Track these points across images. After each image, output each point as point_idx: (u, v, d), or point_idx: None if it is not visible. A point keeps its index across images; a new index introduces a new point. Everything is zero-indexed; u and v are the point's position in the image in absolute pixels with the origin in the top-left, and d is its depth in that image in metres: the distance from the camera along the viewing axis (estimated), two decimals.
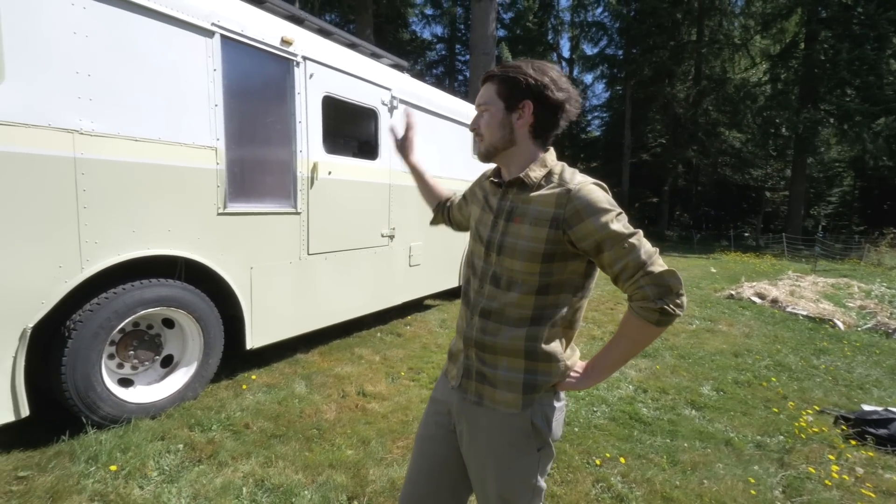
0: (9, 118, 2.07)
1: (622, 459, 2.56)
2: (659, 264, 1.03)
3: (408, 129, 1.72)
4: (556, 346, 1.15)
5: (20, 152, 2.11)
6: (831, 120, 20.53)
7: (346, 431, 2.72)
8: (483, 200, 1.27)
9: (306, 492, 2.16)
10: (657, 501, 2.23)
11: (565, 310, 1.15)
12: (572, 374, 1.18)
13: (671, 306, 1.02)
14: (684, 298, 1.04)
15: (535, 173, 1.14)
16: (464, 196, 1.51)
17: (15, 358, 2.16)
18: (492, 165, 1.28)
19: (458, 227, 1.61)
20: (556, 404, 1.18)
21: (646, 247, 1.04)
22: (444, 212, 1.65)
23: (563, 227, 1.07)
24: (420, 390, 3.35)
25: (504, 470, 1.15)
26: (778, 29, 21.73)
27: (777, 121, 22.01)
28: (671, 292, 1.02)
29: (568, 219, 1.06)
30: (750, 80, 23.66)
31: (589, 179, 1.11)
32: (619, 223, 1.04)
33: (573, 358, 1.20)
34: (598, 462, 2.52)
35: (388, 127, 1.74)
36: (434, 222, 1.72)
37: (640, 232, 1.06)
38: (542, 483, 1.18)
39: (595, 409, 3.19)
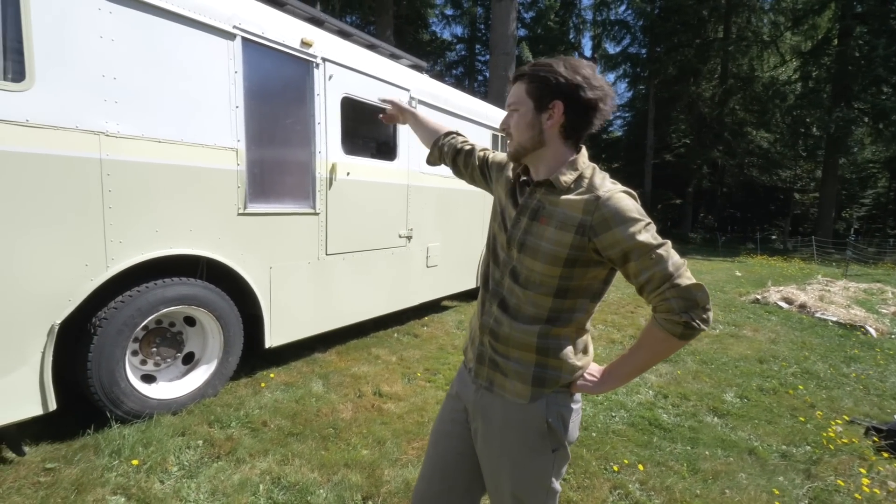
0: (39, 121, 2.13)
1: (641, 466, 2.51)
2: (686, 277, 1.00)
3: (391, 104, 1.70)
4: (568, 346, 1.15)
5: (49, 154, 2.18)
6: (866, 119, 19.83)
7: (362, 431, 2.73)
8: (509, 190, 1.24)
9: (322, 491, 2.18)
10: None
11: (581, 314, 1.14)
12: (588, 377, 1.17)
13: (697, 321, 0.99)
14: (710, 313, 1.02)
15: (566, 177, 1.11)
16: (488, 160, 1.43)
17: (43, 353, 2.23)
18: None
19: (460, 173, 1.54)
20: (573, 406, 1.17)
21: (673, 258, 1.01)
22: (441, 150, 1.57)
23: (589, 235, 1.04)
24: (436, 391, 3.35)
25: (518, 470, 1.15)
26: (809, 25, 21.06)
27: (808, 120, 21.37)
28: (697, 306, 0.99)
29: (595, 226, 1.04)
30: (779, 79, 23.01)
31: (619, 187, 1.08)
32: (648, 233, 1.01)
33: (586, 359, 1.19)
34: (615, 468, 2.47)
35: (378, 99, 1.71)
36: (430, 160, 1.64)
37: (669, 243, 1.03)
38: (557, 486, 1.17)
39: (613, 413, 3.14)
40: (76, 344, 2.47)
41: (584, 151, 1.16)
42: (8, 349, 2.13)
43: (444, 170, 1.75)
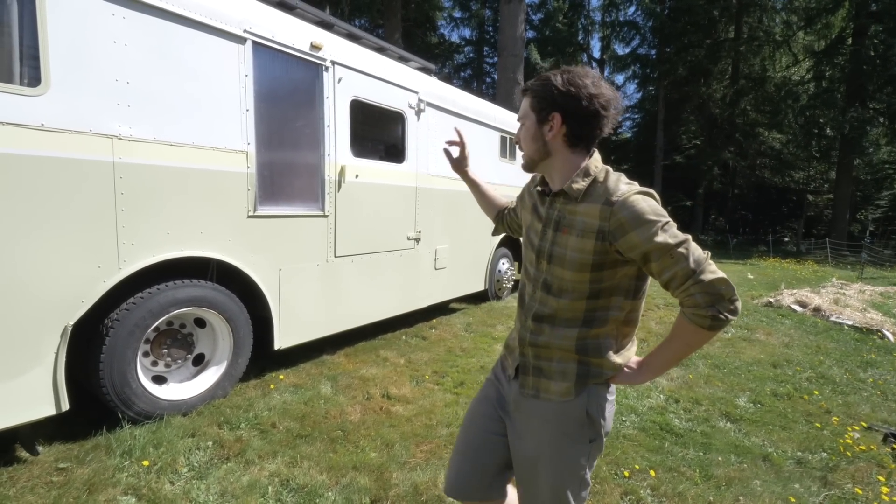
0: (54, 125, 2.17)
1: (652, 472, 2.48)
2: (709, 272, 1.02)
3: (462, 147, 1.73)
4: (608, 343, 1.18)
5: (64, 157, 2.21)
6: (881, 119, 19.50)
7: (371, 434, 2.73)
8: (532, 208, 1.29)
9: (330, 493, 2.17)
10: None
11: (616, 311, 1.17)
12: (626, 369, 1.20)
13: (724, 314, 1.01)
14: (738, 304, 1.03)
15: (578, 185, 1.14)
16: (517, 199, 1.52)
17: (57, 354, 2.26)
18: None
19: (516, 233, 1.64)
20: (609, 397, 1.22)
21: (695, 255, 1.02)
22: (504, 220, 1.68)
23: (609, 239, 1.08)
24: (444, 394, 3.34)
25: (556, 459, 1.19)
26: (823, 24, 20.77)
27: (821, 121, 21.04)
28: (723, 299, 1.01)
29: (613, 231, 1.07)
30: (792, 79, 22.72)
31: (635, 188, 1.10)
32: (665, 234, 1.03)
33: (628, 353, 1.22)
34: (626, 474, 2.44)
35: (442, 149, 1.80)
36: (496, 232, 1.78)
37: (689, 239, 1.04)
38: (589, 477, 1.21)
39: (624, 418, 3.10)
40: (89, 345, 2.49)
41: (595, 156, 1.18)
42: (23, 350, 2.15)
43: (453, 172, 1.79)
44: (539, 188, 1.25)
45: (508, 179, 6.26)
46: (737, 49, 22.84)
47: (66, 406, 2.30)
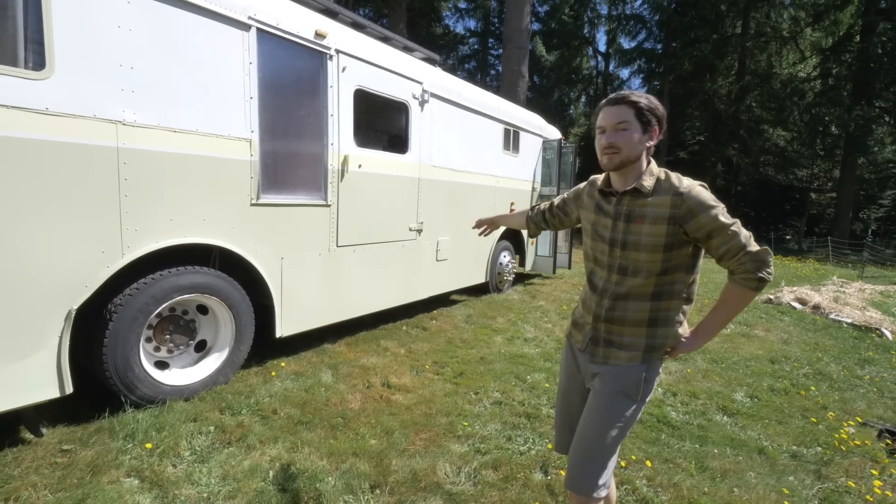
0: (58, 109, 2.17)
1: (648, 463, 2.50)
2: (754, 245, 1.32)
3: (489, 224, 2.11)
4: (673, 316, 1.44)
5: (68, 142, 2.22)
6: (887, 118, 19.37)
7: (371, 421, 2.76)
8: (596, 207, 1.53)
9: (330, 478, 2.20)
10: None
11: (681, 285, 1.42)
12: (683, 339, 1.46)
13: (766, 274, 1.31)
14: (773, 268, 1.33)
15: (648, 182, 1.40)
16: (564, 201, 1.78)
17: (60, 338, 2.28)
18: (593, 176, 1.61)
19: (555, 227, 1.88)
20: (660, 368, 1.48)
21: (743, 232, 1.33)
22: (534, 221, 1.92)
23: (679, 223, 1.34)
24: (444, 384, 3.36)
25: (609, 407, 1.43)
26: (831, 21, 20.57)
27: (826, 118, 20.91)
28: (766, 264, 1.31)
29: (683, 216, 1.34)
30: (798, 76, 22.54)
31: (695, 182, 1.38)
32: (722, 216, 1.32)
33: (684, 327, 1.48)
34: (623, 464, 2.47)
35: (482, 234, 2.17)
36: (532, 235, 2.01)
37: (738, 221, 1.34)
38: (626, 431, 1.45)
39: None
40: (92, 329, 2.51)
41: (653, 160, 1.45)
42: (27, 332, 2.18)
43: (456, 163, 1.89)
44: (601, 190, 1.50)
45: (511, 172, 6.26)
46: (743, 45, 22.63)
47: (69, 389, 2.33)
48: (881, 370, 4.47)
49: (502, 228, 6.02)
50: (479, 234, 2.16)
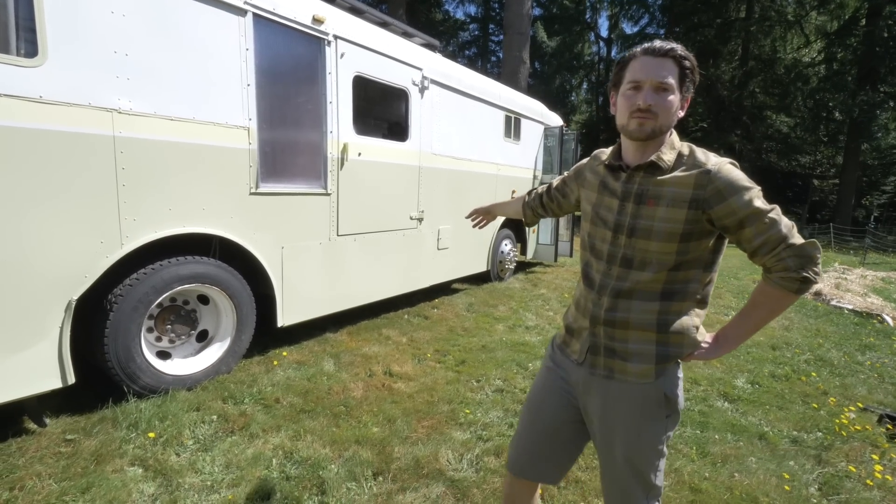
0: (52, 97, 2.14)
1: None
2: (797, 237, 1.06)
3: (483, 215, 1.89)
4: (686, 321, 1.18)
5: (63, 131, 2.19)
6: (891, 103, 19.17)
7: (373, 409, 2.77)
8: (600, 185, 1.27)
9: (333, 466, 2.21)
10: (684, 492, 2.18)
11: (696, 284, 1.17)
12: (703, 344, 1.21)
13: (812, 274, 1.05)
14: (820, 266, 1.07)
15: (668, 156, 1.15)
16: (563, 181, 1.53)
17: (61, 328, 2.28)
18: (597, 150, 1.35)
19: (553, 213, 1.65)
20: (680, 374, 1.23)
21: (784, 220, 1.07)
22: (531, 207, 1.70)
23: (703, 207, 1.09)
24: (446, 372, 3.37)
25: (634, 437, 1.20)
26: (837, 4, 20.25)
27: (830, 104, 20.70)
28: (812, 262, 1.05)
29: (708, 199, 1.08)
30: (802, 61, 22.26)
31: (725, 159, 1.12)
32: (760, 200, 1.06)
33: (701, 332, 1.23)
34: None
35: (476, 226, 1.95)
36: (529, 223, 1.79)
37: (777, 207, 1.08)
38: (666, 448, 1.24)
39: None
40: (94, 320, 2.51)
41: (674, 132, 1.19)
42: (28, 323, 2.17)
43: (456, 151, 1.81)
44: (609, 164, 1.24)
45: (512, 160, 6.21)
46: (748, 29, 22.31)
47: (71, 379, 2.33)
48: (882, 356, 4.47)
49: (501, 218, 5.99)
50: (474, 226, 1.92)
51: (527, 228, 6.92)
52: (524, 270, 7.49)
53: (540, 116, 6.89)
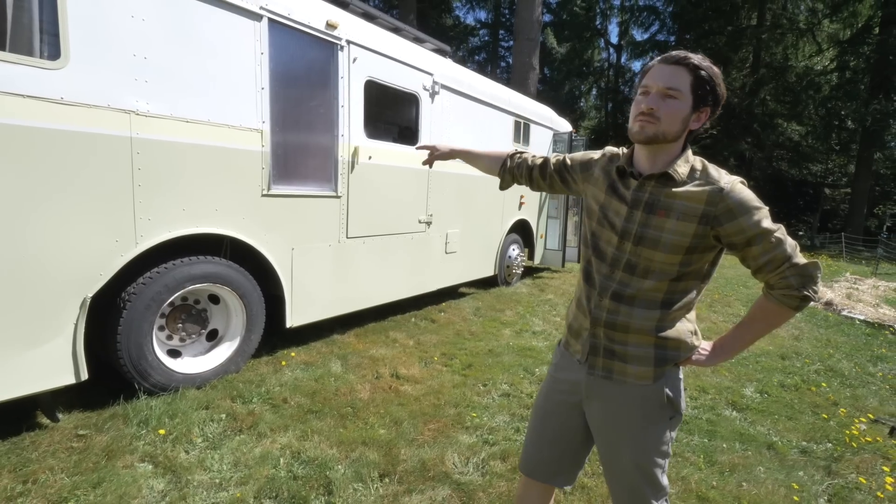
0: (73, 99, 2.19)
1: None
2: (800, 257, 1.11)
3: (430, 152, 1.77)
4: (683, 326, 1.22)
5: (83, 131, 2.24)
6: None
7: (380, 411, 2.78)
8: (608, 186, 1.27)
9: (340, 466, 2.23)
10: (692, 500, 2.17)
11: (693, 294, 1.22)
12: (700, 350, 1.25)
13: (811, 292, 1.11)
14: (820, 285, 1.14)
15: (682, 169, 1.16)
16: (567, 169, 1.44)
17: (76, 325, 2.32)
18: (610, 147, 1.34)
19: (540, 188, 1.55)
20: (680, 376, 1.27)
21: (789, 241, 1.11)
22: (512, 174, 1.58)
23: (713, 224, 1.12)
24: (452, 375, 3.38)
25: (638, 440, 1.23)
26: (849, 12, 20.11)
27: (842, 112, 20.52)
28: (813, 280, 1.10)
29: (719, 216, 1.11)
30: (814, 69, 22.10)
31: (736, 178, 1.15)
32: (767, 220, 1.10)
33: (698, 336, 1.27)
34: None
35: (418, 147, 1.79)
36: (504, 187, 1.67)
37: (782, 227, 1.12)
38: (671, 449, 1.27)
39: None
40: (107, 318, 2.55)
41: (689, 146, 1.21)
42: (44, 320, 2.21)
43: None
44: (625, 167, 1.22)
45: None
46: (759, 37, 22.20)
47: (84, 375, 2.37)
48: (894, 367, 4.42)
49: (503, 216, 5.99)
50: (423, 163, 1.80)
51: (535, 233, 6.92)
52: (531, 275, 7.49)
53: (549, 122, 6.91)
